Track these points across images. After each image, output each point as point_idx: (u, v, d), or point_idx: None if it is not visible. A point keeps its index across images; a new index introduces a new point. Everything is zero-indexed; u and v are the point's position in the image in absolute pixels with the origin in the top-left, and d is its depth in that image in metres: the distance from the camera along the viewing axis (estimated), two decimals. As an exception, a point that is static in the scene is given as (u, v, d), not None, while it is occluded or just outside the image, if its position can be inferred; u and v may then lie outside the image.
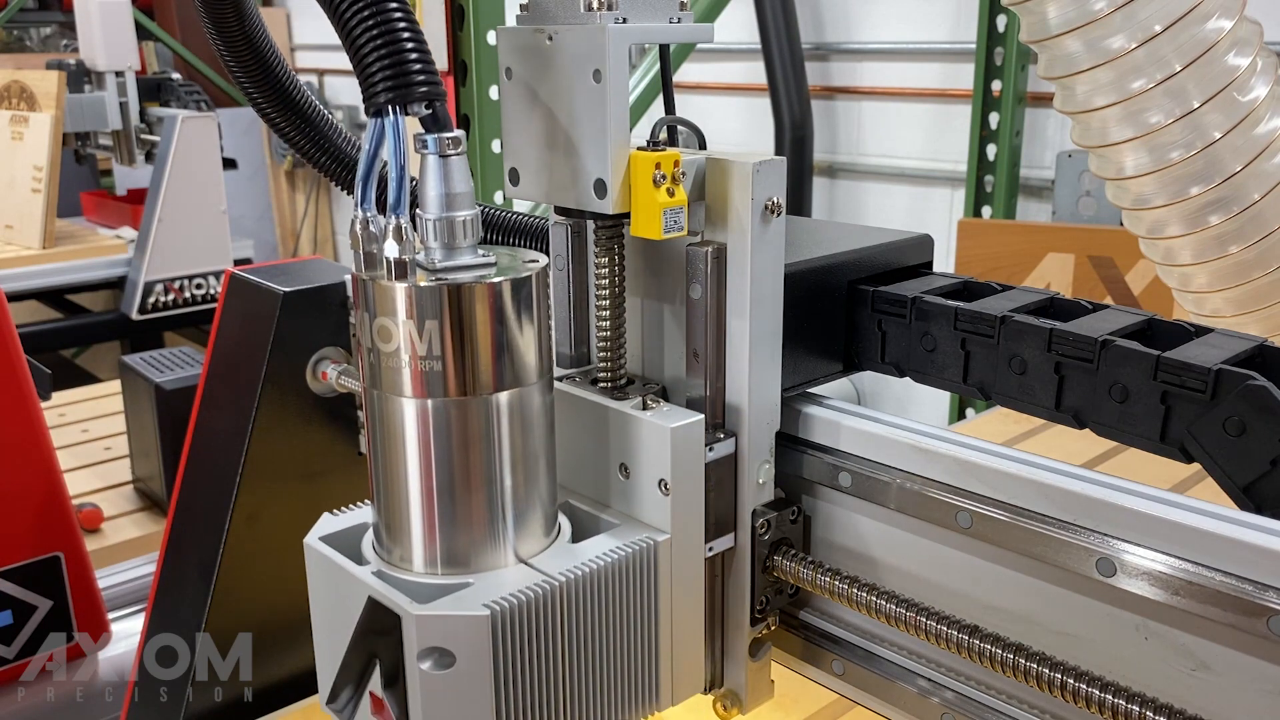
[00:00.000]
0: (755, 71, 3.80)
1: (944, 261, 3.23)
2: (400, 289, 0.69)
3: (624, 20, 0.75)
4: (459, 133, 0.72)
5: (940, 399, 3.54)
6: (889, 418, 0.85)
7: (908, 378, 0.89)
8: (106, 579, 1.72)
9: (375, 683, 0.75)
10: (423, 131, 0.71)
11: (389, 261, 0.69)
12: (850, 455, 0.85)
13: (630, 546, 0.79)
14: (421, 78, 0.69)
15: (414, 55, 0.69)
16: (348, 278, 1.02)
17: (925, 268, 0.95)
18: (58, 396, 2.67)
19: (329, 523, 0.83)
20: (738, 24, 3.81)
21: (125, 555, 2.01)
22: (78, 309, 3.59)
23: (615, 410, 0.83)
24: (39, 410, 1.48)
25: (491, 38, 1.98)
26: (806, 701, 1.15)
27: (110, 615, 1.60)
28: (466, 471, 0.73)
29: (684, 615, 0.84)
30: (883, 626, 0.86)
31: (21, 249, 3.36)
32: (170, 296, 3.27)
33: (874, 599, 0.81)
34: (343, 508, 0.85)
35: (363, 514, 0.84)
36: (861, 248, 0.90)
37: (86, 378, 3.71)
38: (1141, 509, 0.69)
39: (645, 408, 0.81)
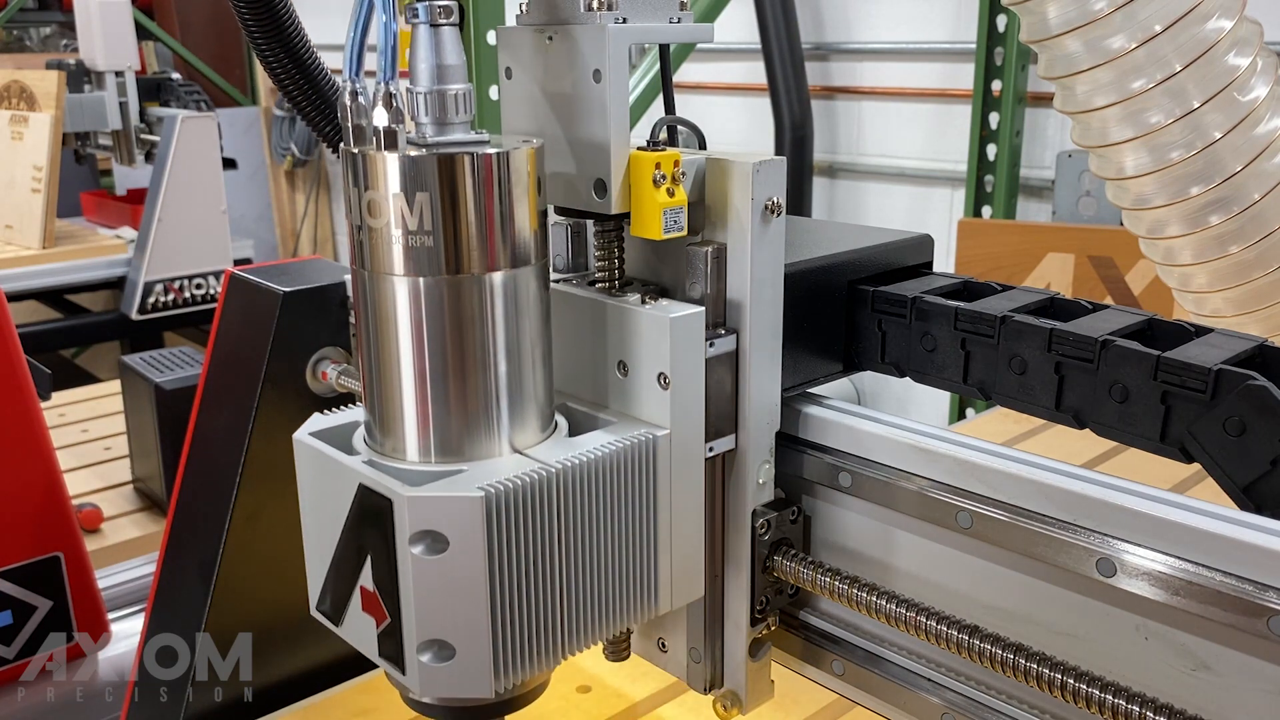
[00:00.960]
0: (755, 71, 3.80)
1: (944, 261, 3.23)
2: (390, 159, 0.67)
3: (624, 20, 0.75)
4: (451, 1, 0.69)
5: (940, 399, 3.54)
6: (889, 418, 0.85)
7: (908, 378, 0.88)
8: (106, 579, 1.72)
9: (366, 576, 0.72)
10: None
11: (378, 131, 0.67)
12: (850, 455, 0.85)
13: (629, 440, 0.76)
14: None
15: None
16: (348, 276, 1.02)
17: (925, 268, 0.95)
18: (58, 396, 2.67)
19: (319, 420, 0.80)
20: (738, 24, 3.81)
21: (125, 555, 2.01)
22: (78, 309, 3.59)
23: (614, 306, 0.81)
24: (39, 410, 1.48)
25: (491, 38, 1.98)
26: (806, 701, 1.15)
27: (110, 615, 1.60)
28: (460, 354, 0.71)
29: (683, 515, 0.82)
30: (883, 626, 0.86)
31: (21, 249, 3.35)
32: (170, 296, 3.27)
33: (874, 599, 0.80)
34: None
35: (354, 413, 0.82)
36: (861, 248, 0.90)
37: (86, 378, 3.71)
38: (1141, 509, 0.69)
39: (644, 303, 0.80)
